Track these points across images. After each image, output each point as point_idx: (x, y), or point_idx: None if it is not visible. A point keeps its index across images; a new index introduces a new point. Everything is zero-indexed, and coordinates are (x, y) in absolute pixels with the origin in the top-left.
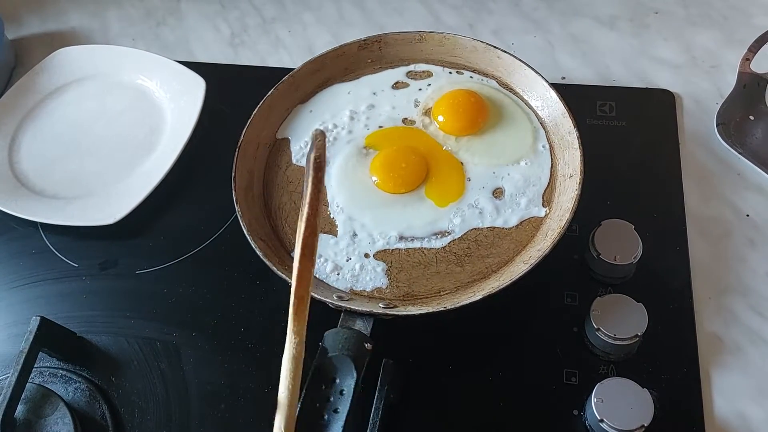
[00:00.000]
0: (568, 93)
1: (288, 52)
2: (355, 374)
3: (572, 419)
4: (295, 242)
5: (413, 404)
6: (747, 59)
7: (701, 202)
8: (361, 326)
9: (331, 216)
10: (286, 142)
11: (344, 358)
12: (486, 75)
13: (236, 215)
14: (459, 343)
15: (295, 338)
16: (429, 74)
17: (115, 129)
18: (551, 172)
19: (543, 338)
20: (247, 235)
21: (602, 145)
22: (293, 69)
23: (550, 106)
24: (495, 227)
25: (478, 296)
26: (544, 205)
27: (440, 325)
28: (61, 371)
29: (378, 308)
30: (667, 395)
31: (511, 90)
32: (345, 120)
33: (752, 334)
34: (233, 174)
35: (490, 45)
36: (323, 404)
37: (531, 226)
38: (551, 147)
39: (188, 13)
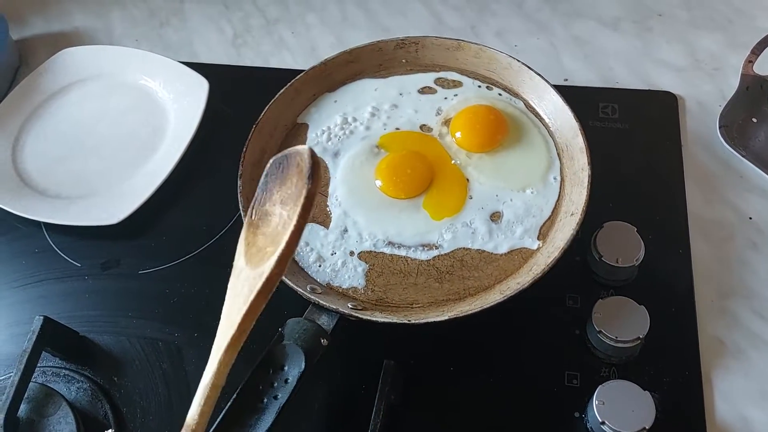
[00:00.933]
0: (570, 95)
1: (291, 53)
2: (303, 366)
3: (573, 421)
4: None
5: (414, 406)
6: (750, 61)
7: (704, 205)
8: (325, 321)
9: (328, 208)
10: (304, 127)
11: (297, 348)
12: (515, 95)
13: (239, 214)
14: (460, 345)
15: (220, 368)
16: (458, 84)
17: (118, 129)
18: (555, 205)
19: (544, 340)
20: (241, 210)
21: (604, 147)
22: (297, 70)
23: (571, 138)
24: (484, 250)
25: (444, 317)
26: (539, 238)
27: (441, 326)
28: (63, 371)
29: (346, 308)
30: (668, 398)
31: (537, 115)
32: (366, 116)
33: (754, 337)
34: (245, 148)
35: (525, 65)
36: (266, 388)
37: (520, 257)
38: (562, 180)
39: (191, 14)
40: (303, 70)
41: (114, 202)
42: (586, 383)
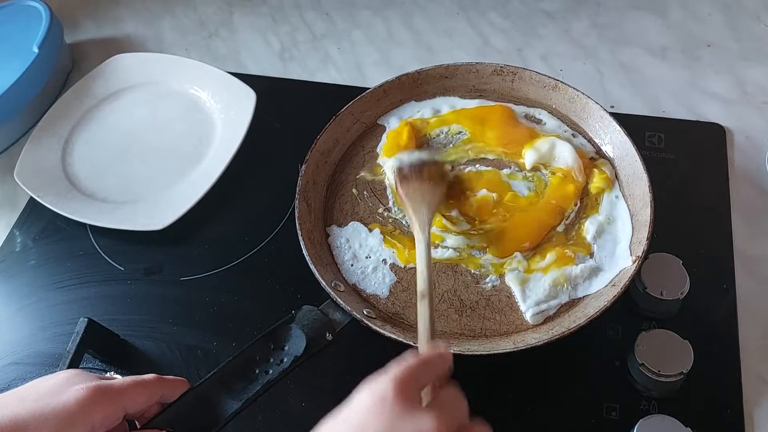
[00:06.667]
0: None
1: (336, 69)
2: (301, 352)
3: None
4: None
5: None
6: None
7: (749, 241)
8: (337, 318)
9: (378, 213)
10: (381, 129)
11: (302, 334)
12: (598, 150)
13: (280, 227)
14: (498, 372)
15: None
16: (545, 124)
17: (165, 137)
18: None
19: (583, 370)
20: (297, 194)
21: (650, 177)
22: (343, 86)
23: (639, 209)
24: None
25: (450, 351)
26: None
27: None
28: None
29: (360, 313)
30: None
31: (617, 176)
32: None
33: None
34: (319, 135)
35: (614, 119)
36: (261, 360)
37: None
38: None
39: (240, 26)
40: (348, 86)
41: (159, 208)
42: (625, 416)
